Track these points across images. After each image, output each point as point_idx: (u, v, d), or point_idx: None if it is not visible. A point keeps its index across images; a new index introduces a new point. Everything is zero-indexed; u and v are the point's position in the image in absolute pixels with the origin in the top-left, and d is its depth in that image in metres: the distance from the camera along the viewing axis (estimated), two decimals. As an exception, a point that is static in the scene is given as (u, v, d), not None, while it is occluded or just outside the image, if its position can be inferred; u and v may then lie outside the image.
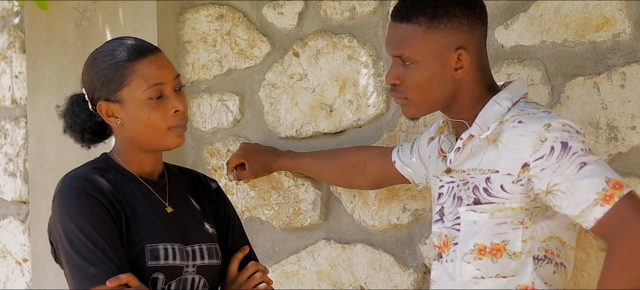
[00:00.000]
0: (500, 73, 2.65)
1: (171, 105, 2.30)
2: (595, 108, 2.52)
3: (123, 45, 2.33)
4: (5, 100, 3.82)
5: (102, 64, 2.31)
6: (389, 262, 2.88)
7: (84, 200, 2.23)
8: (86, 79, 2.35)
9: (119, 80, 2.28)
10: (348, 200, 2.96)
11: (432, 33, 2.21)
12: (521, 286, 2.19)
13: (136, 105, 2.28)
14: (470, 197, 2.22)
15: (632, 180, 2.47)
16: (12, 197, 3.80)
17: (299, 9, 3.03)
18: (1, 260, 3.86)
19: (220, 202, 2.51)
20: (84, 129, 2.37)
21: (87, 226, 2.21)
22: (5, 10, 3.84)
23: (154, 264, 2.26)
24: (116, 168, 2.34)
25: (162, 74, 2.30)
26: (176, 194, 2.41)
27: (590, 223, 2.07)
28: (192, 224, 2.39)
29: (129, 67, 2.28)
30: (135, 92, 2.28)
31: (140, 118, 2.29)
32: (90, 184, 2.26)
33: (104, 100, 2.30)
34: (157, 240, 2.28)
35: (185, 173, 2.51)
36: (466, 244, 2.23)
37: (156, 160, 2.39)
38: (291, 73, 3.05)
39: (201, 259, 2.35)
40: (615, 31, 2.50)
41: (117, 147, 2.37)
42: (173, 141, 2.32)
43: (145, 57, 2.30)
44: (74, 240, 2.21)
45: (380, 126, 2.90)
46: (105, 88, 2.30)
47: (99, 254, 2.19)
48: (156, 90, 2.28)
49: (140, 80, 2.28)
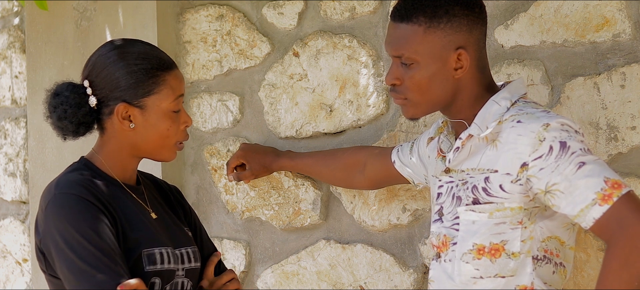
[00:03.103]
0: (500, 73, 2.65)
1: (183, 120, 2.35)
2: (595, 108, 2.52)
3: (154, 52, 2.33)
4: (5, 100, 3.82)
5: (134, 66, 2.29)
6: (389, 262, 2.88)
7: (84, 206, 2.21)
8: (102, 75, 2.30)
9: (149, 87, 2.29)
10: (348, 200, 2.96)
11: (432, 33, 2.21)
12: (520, 286, 2.19)
13: (159, 114, 2.30)
14: (469, 197, 2.22)
15: (632, 180, 2.47)
16: (12, 197, 3.80)
17: (299, 9, 3.03)
18: (1, 260, 3.86)
19: (186, 207, 2.54)
20: (80, 123, 2.32)
21: (91, 232, 2.18)
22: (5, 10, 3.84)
23: (151, 269, 2.26)
24: (99, 173, 2.33)
25: (182, 87, 2.35)
26: (153, 199, 2.42)
27: (589, 223, 2.07)
28: (175, 228, 2.40)
29: (161, 76, 2.30)
30: (162, 101, 2.30)
31: (159, 127, 2.31)
32: (86, 190, 2.24)
33: (123, 102, 2.29)
34: (152, 245, 2.28)
35: (151, 179, 2.52)
36: (465, 244, 2.23)
37: (136, 168, 2.41)
38: (291, 73, 3.05)
39: (188, 262, 2.37)
40: (615, 31, 2.49)
41: (104, 150, 2.35)
42: (172, 155, 2.38)
43: (173, 69, 2.34)
44: (76, 247, 2.17)
45: (380, 126, 2.89)
46: (131, 91, 2.29)
47: (106, 261, 2.16)
48: (178, 103, 2.32)
49: (169, 91, 2.30)
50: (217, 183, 3.19)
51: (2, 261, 3.86)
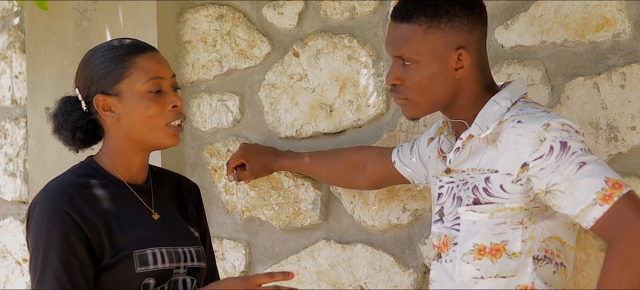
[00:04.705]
0: (500, 73, 2.65)
1: (169, 101, 2.30)
2: (595, 108, 2.52)
3: (122, 42, 2.34)
4: (5, 100, 3.82)
5: (101, 58, 2.31)
6: (389, 262, 2.88)
7: (55, 217, 2.22)
8: (81, 76, 2.34)
9: (118, 72, 2.28)
10: (348, 200, 2.96)
11: (432, 33, 2.21)
12: (521, 286, 2.19)
13: (135, 97, 2.28)
14: (470, 197, 2.22)
15: (632, 180, 2.47)
16: (12, 197, 3.80)
17: (299, 9, 3.03)
18: (1, 260, 3.86)
19: (201, 215, 2.53)
20: (75, 128, 2.34)
21: (52, 247, 2.20)
22: (5, 10, 3.84)
23: (143, 270, 2.26)
24: (101, 173, 2.33)
25: (161, 69, 2.31)
26: (161, 198, 2.41)
27: (590, 223, 2.07)
28: (179, 227, 2.39)
29: (129, 60, 2.29)
30: (134, 84, 2.28)
31: (138, 110, 2.28)
32: (67, 197, 2.24)
33: (100, 93, 2.29)
34: (145, 245, 2.28)
35: (169, 177, 2.51)
36: (466, 244, 2.23)
37: (144, 163, 2.38)
38: (291, 73, 3.05)
39: (191, 261, 2.36)
40: (615, 31, 2.49)
41: (106, 149, 2.35)
42: (169, 139, 2.32)
43: (144, 52, 2.32)
44: (36, 251, 2.22)
45: (380, 126, 2.89)
46: (103, 81, 2.29)
47: (51, 278, 2.19)
48: (155, 84, 2.29)
49: (140, 73, 2.29)
50: (217, 183, 3.19)
51: (2, 261, 3.86)
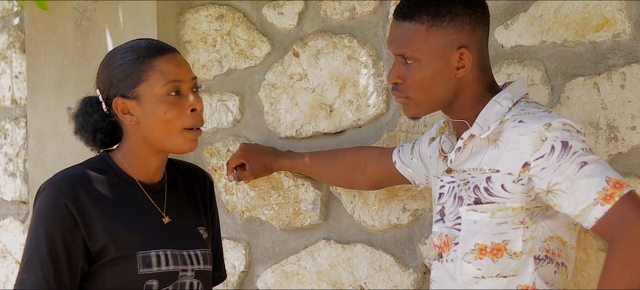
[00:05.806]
0: (500, 73, 2.65)
1: (188, 104, 2.28)
2: (595, 108, 2.52)
3: (142, 43, 2.32)
4: (5, 100, 3.82)
5: (120, 60, 2.29)
6: (389, 262, 2.88)
7: (53, 208, 2.22)
8: (102, 78, 2.32)
9: (137, 75, 2.27)
10: (348, 200, 2.96)
11: (434, 32, 2.21)
12: (522, 286, 2.19)
13: (154, 101, 2.26)
14: (471, 197, 2.22)
15: (632, 180, 2.47)
16: (12, 197, 3.81)
17: (299, 9, 3.03)
18: (1, 260, 3.86)
19: (213, 211, 2.53)
20: (96, 129, 2.33)
21: (44, 234, 2.21)
22: (5, 10, 3.85)
23: (146, 272, 2.26)
24: (114, 169, 2.32)
25: (181, 72, 2.29)
26: (172, 198, 2.40)
27: (591, 222, 2.07)
28: (188, 230, 2.39)
29: (148, 63, 2.27)
30: (153, 87, 2.26)
31: (157, 114, 2.26)
32: (70, 190, 2.24)
33: (120, 96, 2.28)
34: (149, 247, 2.28)
35: (184, 170, 2.49)
36: (467, 244, 2.23)
37: (161, 165, 2.37)
38: (291, 73, 3.05)
39: (198, 264, 2.35)
40: (615, 31, 2.50)
41: (124, 149, 2.34)
42: (186, 144, 2.30)
43: (164, 54, 2.30)
44: (29, 240, 2.23)
45: (380, 126, 2.90)
46: (122, 84, 2.28)
47: (38, 269, 2.19)
48: (174, 86, 2.27)
49: (158, 76, 2.27)
50: (217, 183, 3.19)
51: (2, 261, 3.86)
